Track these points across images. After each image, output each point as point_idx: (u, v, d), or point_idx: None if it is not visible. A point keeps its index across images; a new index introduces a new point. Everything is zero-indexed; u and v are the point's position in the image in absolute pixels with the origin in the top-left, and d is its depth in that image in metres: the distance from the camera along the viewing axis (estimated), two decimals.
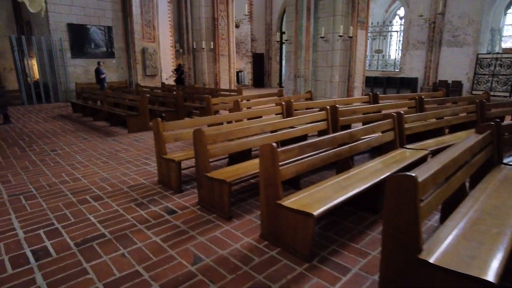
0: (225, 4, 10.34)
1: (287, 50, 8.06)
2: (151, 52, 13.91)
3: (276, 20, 19.22)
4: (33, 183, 3.88)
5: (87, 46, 12.90)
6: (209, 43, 10.18)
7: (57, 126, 7.57)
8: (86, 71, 13.06)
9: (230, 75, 10.92)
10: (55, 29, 12.05)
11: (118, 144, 5.72)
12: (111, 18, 13.31)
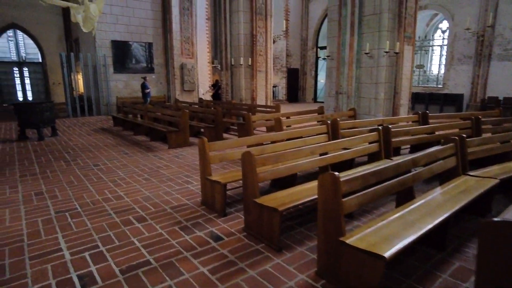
0: (263, 21, 10.35)
1: (328, 66, 7.84)
2: (189, 68, 14.22)
3: (312, 35, 19.11)
4: (78, 199, 3.89)
5: (128, 62, 13.41)
6: (247, 59, 10.19)
7: (99, 139, 7.77)
8: (127, 85, 13.55)
9: (266, 91, 10.84)
10: (100, 46, 12.66)
11: (159, 160, 5.72)
12: (151, 35, 13.81)
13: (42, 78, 19.23)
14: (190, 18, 14.17)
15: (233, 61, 10.31)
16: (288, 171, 3.09)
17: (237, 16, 10.05)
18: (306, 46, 19.59)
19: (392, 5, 6.65)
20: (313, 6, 18.91)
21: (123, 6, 12.98)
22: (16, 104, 7.87)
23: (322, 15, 18.46)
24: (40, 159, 5.88)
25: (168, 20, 13.63)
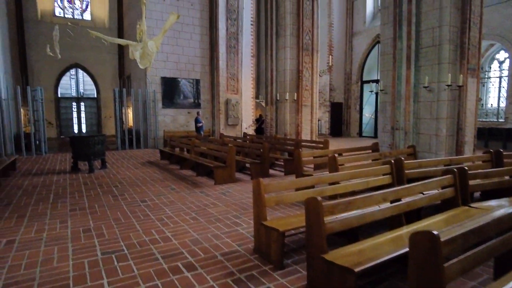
0: (310, 56, 10.28)
1: (382, 101, 7.42)
2: (233, 103, 14.43)
3: (357, 69, 18.83)
4: (124, 239, 3.70)
5: (176, 97, 13.90)
6: (292, 94, 10.05)
7: (146, 173, 7.81)
8: (174, 120, 13.95)
9: (312, 125, 10.53)
10: (151, 82, 13.30)
11: (205, 197, 5.50)
12: (199, 72, 14.32)
13: (95, 112, 20.59)
14: (236, 56, 14.60)
15: (278, 96, 10.20)
16: (359, 221, 2.67)
17: (283, 52, 10.07)
18: (350, 80, 19.28)
19: (452, 36, 6.22)
20: (357, 41, 18.79)
21: (174, 45, 13.69)
22: (71, 137, 8.25)
23: (366, 49, 18.23)
24: (89, 193, 5.92)
25: (215, 58, 14.13)
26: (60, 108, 19.27)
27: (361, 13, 18.52)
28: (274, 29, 10.42)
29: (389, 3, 6.94)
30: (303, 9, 10.16)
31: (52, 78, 18.47)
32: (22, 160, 9.94)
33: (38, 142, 11.57)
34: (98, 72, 20.08)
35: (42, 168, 8.69)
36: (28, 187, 6.43)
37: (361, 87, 18.91)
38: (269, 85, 10.58)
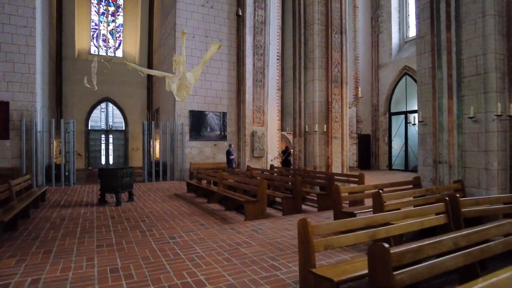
0: (339, 88, 10.11)
1: (420, 132, 7.00)
2: (259, 135, 14.32)
3: (384, 101, 18.48)
4: (155, 282, 3.39)
5: (203, 130, 13.95)
6: (321, 126, 9.78)
7: (173, 207, 7.59)
8: (200, 152, 13.91)
9: (342, 158, 10.12)
10: (179, 115, 13.46)
11: (237, 234, 5.16)
12: (226, 105, 14.43)
13: (123, 144, 21.06)
14: (262, 89, 14.71)
15: (307, 128, 9.96)
16: (429, 272, 2.26)
17: (312, 84, 9.96)
18: (377, 112, 18.88)
19: (499, 63, 5.86)
20: (383, 73, 18.60)
21: (202, 80, 13.94)
22: (100, 170, 8.25)
23: (394, 81, 17.96)
24: (116, 227, 5.72)
25: (242, 91, 14.26)
26: (89, 140, 19.86)
27: (386, 45, 18.47)
28: (302, 63, 10.40)
29: (425, 33, 6.74)
30: (331, 42, 10.14)
31: (84, 111, 19.23)
32: (51, 191, 10.03)
33: (67, 173, 11.74)
34: (127, 105, 20.78)
35: (70, 199, 8.67)
36: (56, 219, 6.32)
37: (389, 119, 18.44)
38: (297, 117, 10.40)
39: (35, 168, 10.72)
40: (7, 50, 10.54)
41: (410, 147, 17.49)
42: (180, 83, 5.50)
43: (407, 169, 17.47)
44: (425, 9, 6.73)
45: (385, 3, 18.47)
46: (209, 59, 6.04)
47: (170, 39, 14.59)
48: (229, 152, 12.87)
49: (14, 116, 10.61)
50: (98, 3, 22.47)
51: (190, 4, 13.91)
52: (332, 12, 10.19)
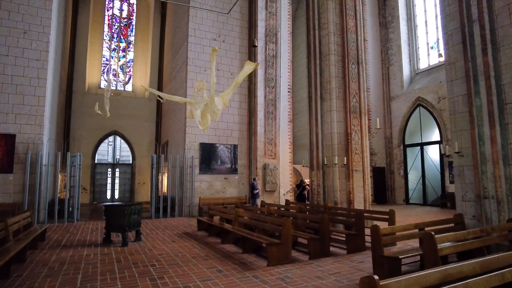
0: (358, 119, 9.67)
1: (457, 165, 6.40)
2: (271, 168, 13.75)
3: (398, 133, 17.99)
4: None
5: (214, 163, 13.43)
6: (341, 158, 9.22)
7: (185, 248, 6.88)
8: (210, 186, 13.30)
9: (364, 192, 9.46)
10: (189, 148, 13.01)
11: (262, 285, 4.43)
12: (237, 137, 14.02)
13: (129, 178, 20.51)
14: (274, 121, 14.35)
15: (325, 160, 9.39)
16: None
17: (329, 115, 9.54)
18: (391, 144, 18.34)
19: None
20: (395, 105, 18.28)
21: None
22: (106, 206, 7.65)
23: (407, 112, 17.59)
24: (123, 273, 5.03)
25: (254, 123, 13.90)
26: (95, 173, 19.38)
27: (397, 77, 18.31)
28: (318, 93, 10.05)
29: (455, 58, 6.35)
30: (349, 72, 9.85)
31: (91, 144, 18.94)
32: (53, 229, 9.37)
33: (71, 209, 11.13)
34: (135, 139, 20.50)
35: (72, 238, 8.00)
36: (55, 263, 5.65)
37: (404, 151, 17.83)
38: (315, 149, 9.87)
39: (37, 203, 10.15)
40: (18, 83, 10.39)
41: (427, 180, 16.73)
42: (204, 109, 5.05)
43: (425, 203, 16.59)
44: (455, 34, 6.40)
45: (394, 36, 18.55)
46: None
47: (182, 72, 14.51)
48: (254, 186, 12.30)
49: (20, 149, 10.23)
50: (110, 39, 22.99)
51: (202, 38, 13.96)
52: (348, 42, 9.99)
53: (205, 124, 5.19)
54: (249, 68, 4.93)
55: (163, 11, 22.32)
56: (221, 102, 5.02)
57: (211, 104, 4.89)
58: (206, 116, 5.10)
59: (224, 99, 5.10)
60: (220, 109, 5.03)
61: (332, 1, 10.03)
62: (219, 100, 4.99)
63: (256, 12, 14.66)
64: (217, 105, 4.92)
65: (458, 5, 6.28)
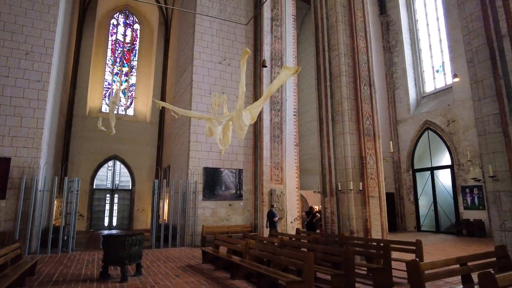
0: (372, 142, 9.23)
1: (491, 190, 5.87)
2: (278, 194, 13.14)
3: (406, 157, 17.51)
4: None
5: (218, 188, 12.83)
6: (356, 184, 8.67)
7: (191, 284, 6.18)
8: (214, 213, 12.63)
9: (381, 220, 8.85)
10: (193, 173, 12.45)
11: None
12: (242, 162, 13.50)
13: (128, 204, 19.76)
14: (280, 145, 13.90)
15: (339, 186, 8.83)
16: None
17: (342, 138, 9.08)
18: (400, 169, 17.80)
19: None
20: (402, 129, 17.92)
21: None
22: (105, 237, 6.99)
23: (415, 136, 17.19)
24: None
25: (259, 147, 13.44)
26: (93, 200, 18.65)
27: (403, 101, 18.08)
28: (329, 115, 9.64)
29: (483, 76, 5.98)
30: (361, 94, 9.50)
31: (90, 169, 18.35)
32: (45, 260, 8.63)
33: (66, 238, 10.40)
34: (136, 164, 19.95)
35: (66, 272, 7.28)
36: None
37: (413, 176, 17.27)
38: (327, 174, 9.33)
39: (29, 232, 9.46)
40: (17, 104, 9.99)
41: (439, 205, 16.06)
42: (226, 125, 4.54)
43: (438, 230, 15.82)
44: (481, 51, 6.05)
45: (399, 60, 18.50)
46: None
47: (186, 95, 14.21)
48: (273, 214, 11.64)
49: (15, 173, 9.66)
50: (113, 64, 22.99)
51: (207, 62, 13.77)
52: (359, 63, 9.72)
53: (225, 143, 4.69)
54: (286, 74, 4.28)
55: (166, 36, 22.47)
56: (249, 117, 4.47)
57: (238, 119, 4.32)
58: (226, 134, 4.61)
59: (253, 112, 4.55)
60: (247, 124, 4.50)
61: (342, 23, 9.85)
62: (247, 114, 4.45)
63: (262, 36, 14.58)
64: (244, 120, 4.37)
65: (483, 21, 5.97)
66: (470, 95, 14.19)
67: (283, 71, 4.27)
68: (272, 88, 4.32)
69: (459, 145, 14.87)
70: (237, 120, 4.38)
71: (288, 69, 4.27)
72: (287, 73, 4.24)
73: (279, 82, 4.44)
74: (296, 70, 4.17)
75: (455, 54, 15.08)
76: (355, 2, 10.00)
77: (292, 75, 4.23)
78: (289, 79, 15.26)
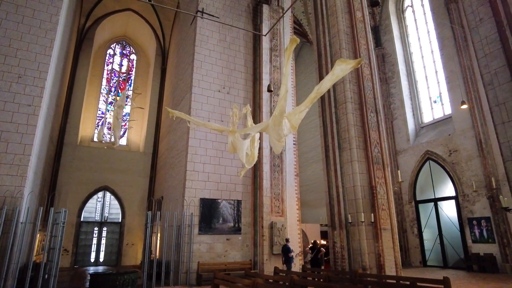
0: (381, 171, 8.81)
1: None
2: (279, 227, 12.41)
3: (407, 189, 17.05)
4: None
5: (215, 221, 12.05)
6: (368, 215, 8.09)
7: None
8: (211, 248, 11.75)
9: (395, 255, 8.19)
10: (188, 204, 11.72)
11: None
12: (241, 192, 12.86)
13: (117, 238, 18.58)
14: (280, 175, 13.37)
15: (349, 218, 8.24)
16: None
17: (350, 166, 8.64)
18: (402, 201, 17.27)
19: None
20: (402, 159, 17.63)
21: (215, 164, 12.68)
22: (93, 276, 6.19)
23: (416, 167, 16.87)
24: None
25: (259, 177, 12.89)
26: (80, 233, 17.47)
27: (402, 131, 17.95)
28: (336, 143, 9.25)
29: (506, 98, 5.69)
30: (368, 120, 9.19)
31: (78, 200, 17.38)
32: None
33: (47, 276, 9.37)
34: (127, 195, 19.03)
35: None
36: None
37: (416, 207, 16.74)
38: (335, 205, 8.77)
39: (5, 270, 8.47)
40: (4, 129, 9.37)
41: (445, 239, 15.39)
42: (252, 139, 3.98)
43: (446, 265, 15.03)
44: (501, 73, 5.80)
45: (396, 91, 18.61)
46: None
47: (184, 123, 13.72)
48: (288, 249, 11.12)
49: None
50: (108, 93, 22.70)
51: (206, 89, 13.51)
52: (365, 90, 9.51)
53: (251, 161, 4.12)
54: (342, 69, 3.47)
55: (163, 67, 22.43)
56: (287, 126, 3.87)
57: (277, 126, 3.67)
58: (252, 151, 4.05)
59: (292, 120, 3.86)
60: (286, 134, 3.90)
61: (346, 50, 9.75)
62: (285, 122, 3.83)
63: (261, 66, 14.54)
64: (284, 130, 3.75)
65: (501, 43, 5.78)
66: (471, 124, 14.23)
67: (339, 65, 3.55)
68: (323, 86, 3.54)
69: (463, 175, 14.53)
70: (275, 129, 3.76)
71: (345, 62, 3.53)
72: (344, 67, 3.51)
73: (334, 78, 3.66)
74: (358, 61, 3.44)
75: (453, 84, 15.18)
76: (358, 30, 9.97)
77: (352, 68, 3.49)
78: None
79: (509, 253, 12.58)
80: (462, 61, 14.60)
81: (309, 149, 23.67)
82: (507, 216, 12.69)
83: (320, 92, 3.62)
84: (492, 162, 13.25)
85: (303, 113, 3.86)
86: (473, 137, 14.06)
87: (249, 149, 3.90)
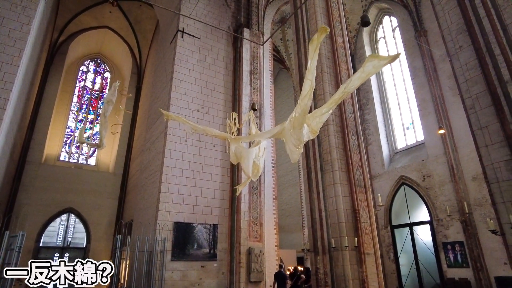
0: (364, 193, 8.69)
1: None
2: (257, 253, 11.90)
3: (383, 213, 17.14)
4: None
5: (189, 247, 11.37)
6: (351, 240, 7.87)
7: None
8: (184, 276, 11.00)
9: (379, 281, 7.95)
10: (161, 228, 11.01)
11: None
12: (218, 216, 12.31)
13: None
14: (259, 197, 13.03)
15: (333, 243, 7.98)
16: None
17: (333, 189, 8.49)
18: (377, 225, 17.25)
19: None
20: (378, 183, 17.83)
21: (192, 186, 12.14)
22: None
23: (391, 191, 17.07)
24: None
25: (237, 199, 12.45)
26: None
27: (377, 156, 18.28)
28: (318, 164, 9.12)
29: (488, 122, 5.80)
30: (349, 143, 9.17)
31: (39, 223, 16.00)
32: None
33: None
34: (93, 218, 17.83)
35: None
36: None
37: (392, 232, 16.79)
38: (318, 229, 8.50)
39: None
40: None
41: (421, 263, 15.41)
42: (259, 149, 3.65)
43: None
44: (482, 98, 5.95)
45: (370, 117, 19.09)
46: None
47: (159, 142, 13.22)
48: (284, 276, 10.96)
49: None
50: (78, 110, 21.74)
51: (185, 109, 13.17)
52: (346, 113, 9.55)
53: (256, 174, 3.77)
54: (375, 65, 3.04)
55: (138, 85, 21.93)
56: (306, 130, 3.46)
57: (298, 130, 3.17)
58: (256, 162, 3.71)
59: (313, 124, 3.41)
60: (305, 140, 3.52)
61: (327, 73, 9.85)
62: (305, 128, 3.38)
63: (241, 87, 14.48)
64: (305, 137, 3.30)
65: (481, 69, 5.96)
66: (443, 150, 14.70)
67: (370, 61, 3.11)
68: (351, 85, 3.14)
69: (437, 200, 14.82)
70: (295, 132, 3.29)
71: (378, 57, 3.08)
72: (376, 63, 3.08)
73: (364, 76, 3.25)
74: (394, 56, 3.09)
75: (425, 112, 15.78)
76: (339, 54, 10.16)
77: (385, 64, 3.16)
78: (267, 125, 14.93)
79: (483, 277, 12.72)
80: (433, 90, 15.28)
81: (285, 172, 23.58)
82: (480, 241, 12.94)
83: (348, 91, 3.33)
84: (464, 187, 13.64)
85: (325, 115, 3.46)
86: (445, 162, 14.50)
87: (257, 157, 3.56)
